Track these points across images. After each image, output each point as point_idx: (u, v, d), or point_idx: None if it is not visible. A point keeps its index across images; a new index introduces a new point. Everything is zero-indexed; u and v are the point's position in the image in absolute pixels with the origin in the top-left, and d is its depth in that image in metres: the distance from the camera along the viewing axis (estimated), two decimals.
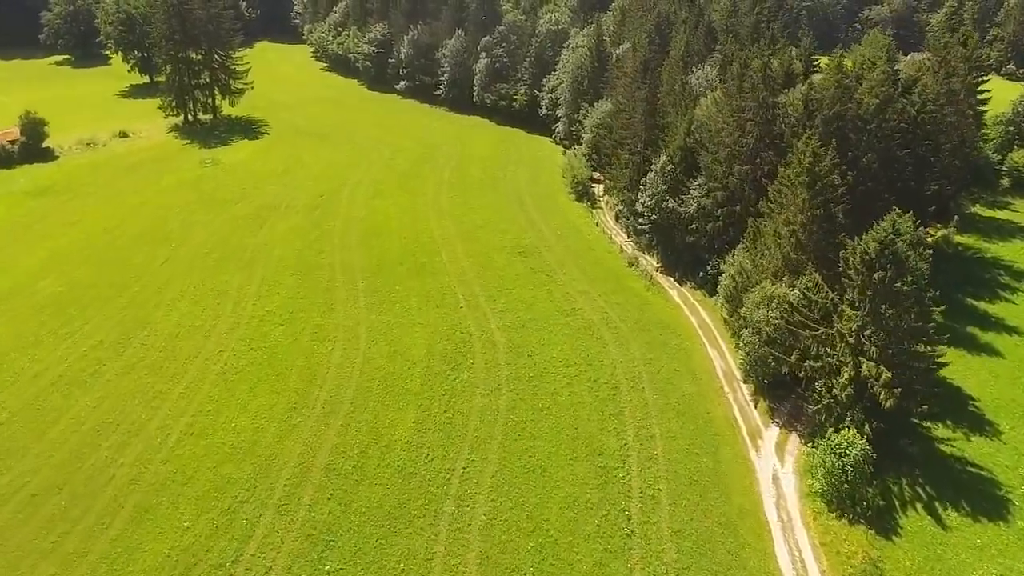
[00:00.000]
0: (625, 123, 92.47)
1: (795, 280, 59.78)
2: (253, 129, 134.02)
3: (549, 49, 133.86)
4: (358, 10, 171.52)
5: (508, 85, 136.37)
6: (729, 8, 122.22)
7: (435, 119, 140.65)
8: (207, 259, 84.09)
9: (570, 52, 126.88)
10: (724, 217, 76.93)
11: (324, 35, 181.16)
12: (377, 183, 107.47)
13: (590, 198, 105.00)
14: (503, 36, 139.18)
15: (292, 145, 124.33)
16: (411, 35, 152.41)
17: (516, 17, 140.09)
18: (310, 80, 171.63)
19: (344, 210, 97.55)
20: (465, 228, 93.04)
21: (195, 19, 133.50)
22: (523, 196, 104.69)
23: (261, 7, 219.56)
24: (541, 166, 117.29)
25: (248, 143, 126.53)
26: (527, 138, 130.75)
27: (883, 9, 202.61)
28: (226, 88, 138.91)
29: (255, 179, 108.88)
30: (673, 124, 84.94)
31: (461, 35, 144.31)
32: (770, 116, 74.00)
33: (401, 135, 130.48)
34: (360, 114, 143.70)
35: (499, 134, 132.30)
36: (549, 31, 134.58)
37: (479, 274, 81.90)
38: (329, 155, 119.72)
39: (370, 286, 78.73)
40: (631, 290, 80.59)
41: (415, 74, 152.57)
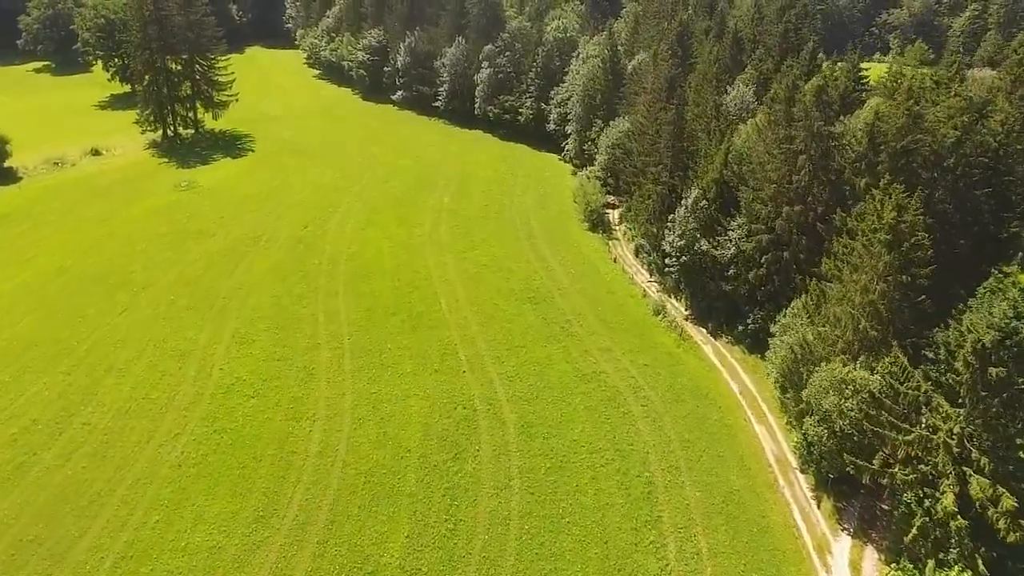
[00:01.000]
0: (648, 148, 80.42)
1: (873, 360, 47.94)
2: (237, 145, 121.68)
3: (557, 59, 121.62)
4: (352, 15, 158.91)
5: (512, 97, 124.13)
6: (753, 16, 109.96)
7: (434, 134, 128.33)
8: (173, 307, 71.99)
9: (580, 63, 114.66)
10: (769, 264, 65.01)
11: (317, 41, 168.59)
12: (369, 210, 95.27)
13: (605, 227, 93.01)
14: (506, 44, 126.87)
15: (278, 164, 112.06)
16: (408, 42, 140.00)
17: (521, 24, 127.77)
18: (301, 89, 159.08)
19: (331, 245, 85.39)
20: (467, 267, 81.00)
21: (174, 26, 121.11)
22: (531, 225, 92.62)
23: (253, 10, 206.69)
24: (550, 188, 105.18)
25: (230, 162, 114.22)
26: (533, 155, 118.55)
27: (902, 13, 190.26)
28: (209, 100, 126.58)
29: (235, 205, 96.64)
30: (706, 152, 72.92)
31: (461, 43, 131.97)
32: (825, 149, 62.03)
33: (397, 152, 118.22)
34: (353, 128, 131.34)
35: (503, 151, 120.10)
36: (556, 39, 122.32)
37: (484, 326, 69.89)
38: (318, 176, 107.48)
39: (358, 343, 66.71)
40: (659, 346, 68.65)
41: (412, 84, 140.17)
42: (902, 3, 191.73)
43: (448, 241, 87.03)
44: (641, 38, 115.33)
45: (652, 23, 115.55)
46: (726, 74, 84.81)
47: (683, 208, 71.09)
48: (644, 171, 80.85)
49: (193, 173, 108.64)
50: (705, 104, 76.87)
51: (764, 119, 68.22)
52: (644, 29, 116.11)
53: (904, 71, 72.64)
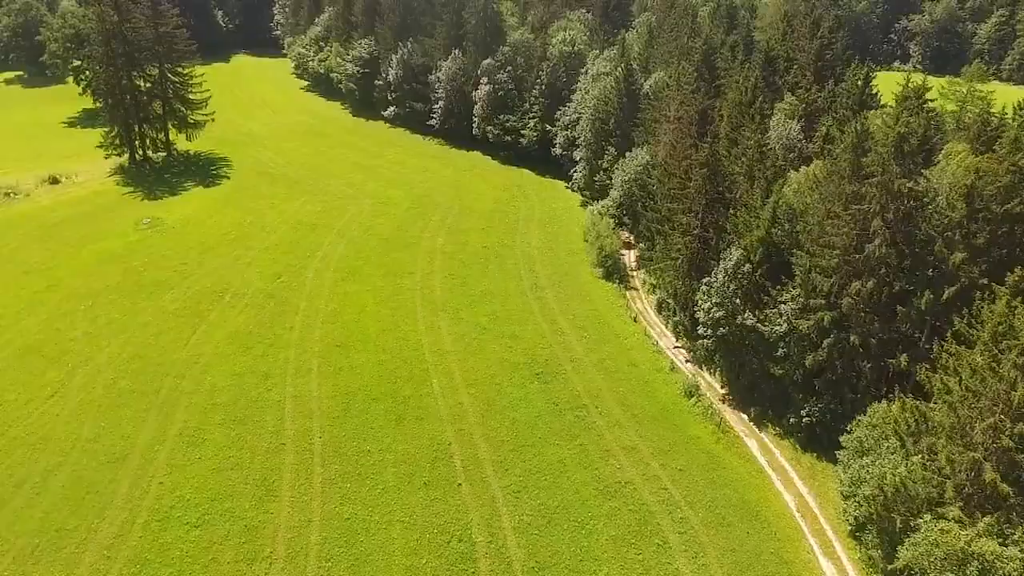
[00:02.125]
0: (675, 192, 67.37)
1: (1007, 523, 35.19)
2: (212, 171, 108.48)
3: (563, 75, 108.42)
4: (341, 23, 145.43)
5: (514, 117, 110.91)
6: (783, 30, 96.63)
7: (428, 157, 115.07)
8: (112, 391, 59.07)
9: (590, 81, 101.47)
10: (831, 348, 52.24)
11: (304, 51, 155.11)
12: (353, 255, 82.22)
13: (620, 273, 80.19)
14: (507, 58, 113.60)
15: (254, 195, 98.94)
16: (400, 54, 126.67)
17: (523, 36, 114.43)
18: (287, 103, 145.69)
19: (307, 301, 72.40)
20: (464, 331, 68.07)
21: (141, 39, 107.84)
22: (537, 272, 79.69)
23: (240, 16, 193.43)
24: (557, 224, 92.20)
25: (202, 192, 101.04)
26: (537, 183, 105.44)
27: (923, 19, 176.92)
28: (182, 121, 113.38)
29: (200, 248, 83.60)
30: (748, 202, 59.94)
31: (458, 56, 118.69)
32: (906, 210, 49.19)
33: (386, 180, 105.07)
34: (340, 150, 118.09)
35: (504, 177, 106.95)
36: (563, 53, 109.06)
37: (483, 416, 57.03)
38: (297, 210, 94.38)
39: (332, 443, 53.86)
40: (694, 442, 55.85)
41: (405, 100, 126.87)
42: (923, 8, 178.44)
43: (442, 296, 74.04)
44: (657, 52, 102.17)
45: (669, 36, 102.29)
46: (764, 103, 71.71)
47: (722, 272, 58.15)
48: (670, 219, 67.85)
49: (159, 207, 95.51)
50: (744, 143, 63.80)
51: (823, 169, 55.22)
52: (660, 43, 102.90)
53: (993, 112, 59.54)
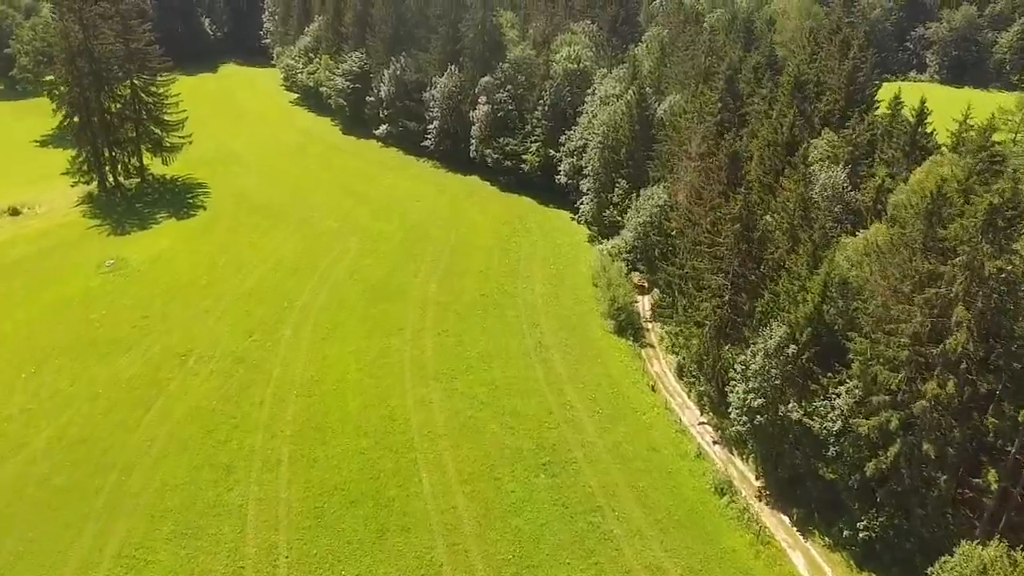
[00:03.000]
0: (703, 249, 57.71)
1: None
2: (187, 199, 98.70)
3: (567, 94, 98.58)
4: (331, 35, 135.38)
5: (515, 141, 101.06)
6: (810, 48, 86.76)
7: (422, 182, 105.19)
8: (43, 489, 49.56)
9: (597, 104, 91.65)
10: (897, 457, 42.77)
11: (293, 62, 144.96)
12: (336, 306, 72.54)
13: (634, 325, 70.70)
14: (507, 76, 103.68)
15: (230, 230, 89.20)
16: (393, 69, 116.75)
17: (524, 52, 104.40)
18: (274, 118, 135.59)
19: (280, 368, 62.71)
20: (459, 406, 58.53)
21: (110, 57, 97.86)
22: (541, 326, 70.12)
23: (229, 23, 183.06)
24: (563, 262, 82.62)
25: (174, 225, 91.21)
26: (540, 213, 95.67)
27: (941, 27, 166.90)
28: (157, 144, 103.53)
29: (167, 296, 73.96)
30: (792, 269, 50.32)
31: (454, 72, 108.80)
32: (998, 297, 39.65)
33: (377, 209, 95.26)
34: (328, 173, 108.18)
35: (504, 207, 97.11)
36: (567, 71, 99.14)
37: (481, 525, 47.55)
38: (277, 247, 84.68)
39: (300, 565, 44.42)
40: (730, 558, 46.39)
41: (398, 118, 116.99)
42: (941, 16, 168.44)
43: (434, 359, 64.39)
44: (670, 72, 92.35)
45: (684, 54, 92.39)
46: (801, 141, 61.96)
47: (761, 353, 48.60)
48: (696, 278, 58.23)
49: (126, 243, 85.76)
50: (783, 195, 54.09)
51: (885, 237, 45.62)
52: (673, 61, 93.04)
53: None
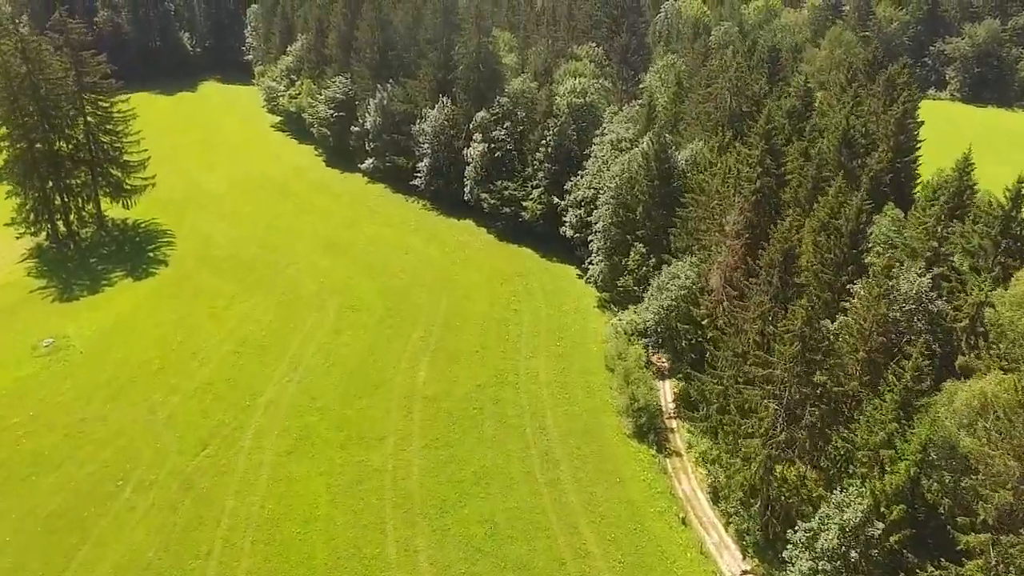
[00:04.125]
0: (753, 367, 46.05)
1: None
2: (147, 252, 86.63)
3: (573, 132, 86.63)
4: (313, 56, 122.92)
5: (514, 185, 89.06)
6: (851, 88, 74.66)
7: (410, 229, 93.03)
8: None
9: (608, 149, 79.71)
10: None
11: (275, 84, 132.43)
12: (306, 404, 60.55)
13: (656, 423, 59.18)
14: (505, 112, 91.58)
15: (193, 292, 77.22)
16: (379, 98, 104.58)
17: (524, 84, 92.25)
18: (253, 146, 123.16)
19: (233, 500, 50.84)
20: (451, 559, 46.78)
21: (60, 94, 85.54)
22: (548, 430, 58.46)
23: (210, 37, 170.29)
24: (570, 336, 70.86)
25: (129, 287, 79.15)
26: (543, 269, 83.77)
27: (962, 43, 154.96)
28: (115, 188, 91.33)
29: (109, 389, 62.06)
30: (874, 416, 38.68)
31: (446, 105, 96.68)
32: None
33: (359, 266, 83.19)
34: (307, 217, 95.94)
35: (502, 260, 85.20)
36: (572, 106, 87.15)
37: None
38: (244, 318, 72.76)
39: None
40: None
41: (385, 151, 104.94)
42: (963, 31, 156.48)
43: (421, 484, 52.58)
44: (689, 110, 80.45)
45: (704, 91, 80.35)
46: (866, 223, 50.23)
47: (835, 528, 37.07)
48: (741, 405, 46.60)
49: (71, 313, 73.81)
50: (857, 314, 42.36)
51: (1005, 392, 34.01)
52: (693, 99, 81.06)
53: None
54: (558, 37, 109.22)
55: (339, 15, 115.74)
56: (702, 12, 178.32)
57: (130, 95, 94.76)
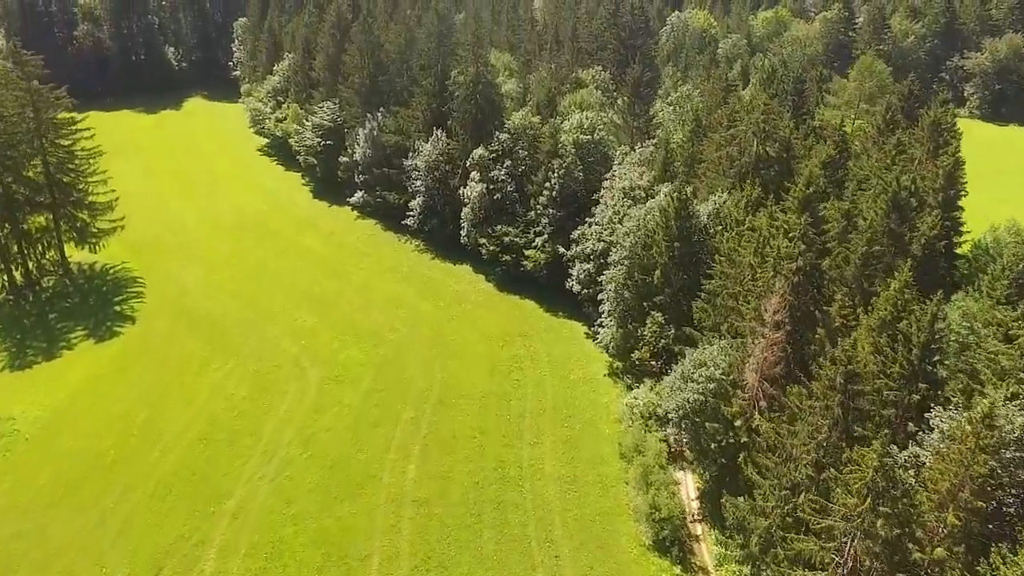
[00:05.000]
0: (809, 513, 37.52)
1: None
2: (113, 305, 77.97)
3: (580, 172, 77.94)
4: (301, 78, 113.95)
5: (514, 230, 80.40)
6: (895, 146, 65.63)
7: (402, 277, 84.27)
8: None
9: (619, 197, 70.98)
10: None
11: (261, 105, 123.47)
12: (279, 511, 51.78)
13: (677, 531, 50.77)
14: (505, 148, 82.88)
15: (159, 361, 68.41)
16: (369, 128, 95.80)
17: (525, 119, 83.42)
18: (237, 173, 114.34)
19: None
20: None
21: (16, 132, 76.66)
22: (556, 541, 49.94)
23: (197, 51, 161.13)
24: (580, 417, 62.16)
25: (89, 351, 70.47)
26: (548, 325, 75.10)
27: (981, 58, 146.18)
28: (80, 233, 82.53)
29: (56, 491, 53.37)
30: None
31: (441, 138, 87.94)
32: None
33: (346, 324, 74.40)
34: (290, 261, 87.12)
35: (502, 316, 76.49)
36: (579, 143, 78.43)
37: None
38: (215, 390, 64.10)
39: None
40: None
41: (375, 185, 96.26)
42: (983, 45, 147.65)
43: None
44: (710, 152, 71.67)
45: (726, 135, 71.46)
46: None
47: None
48: (790, 551, 38.15)
49: (21, 386, 65.12)
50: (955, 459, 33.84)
51: None
52: (714, 139, 72.25)
53: None
54: (562, 62, 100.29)
55: (327, 35, 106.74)
56: (709, 23, 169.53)
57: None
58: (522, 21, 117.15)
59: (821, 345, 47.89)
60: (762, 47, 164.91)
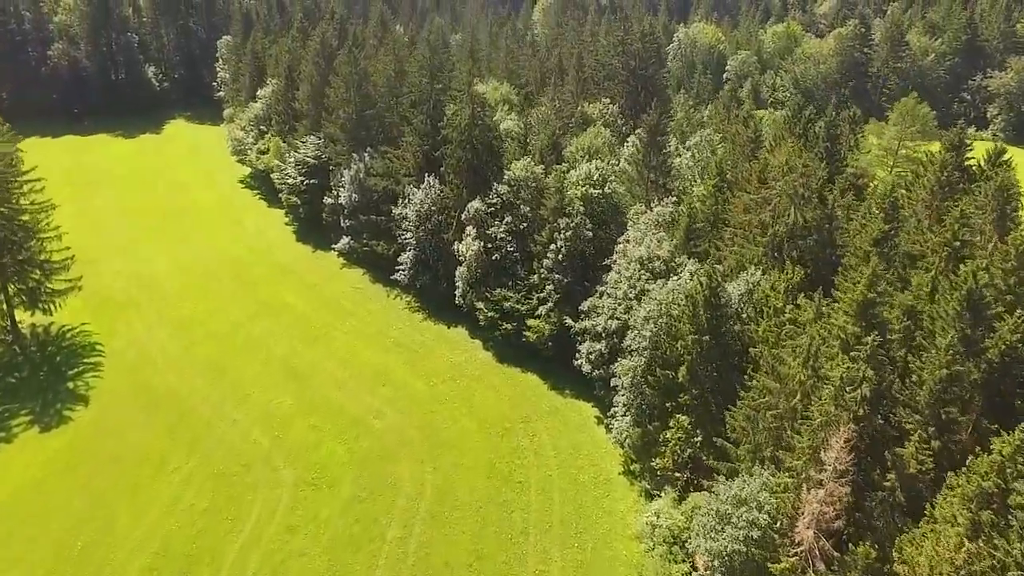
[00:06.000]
0: None
1: None
2: (64, 383, 68.15)
3: (589, 230, 68.29)
4: (283, 107, 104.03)
5: (515, 295, 70.76)
6: (958, 218, 56.16)
7: (390, 342, 74.53)
8: None
9: (635, 268, 61.34)
10: None
11: (243, 133, 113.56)
12: None
13: None
14: (505, 202, 73.21)
15: (110, 459, 58.52)
16: (355, 170, 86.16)
17: (528, 169, 73.49)
18: (216, 211, 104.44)
19: None
20: None
21: None
22: None
23: (180, 68, 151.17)
24: (591, 536, 52.60)
25: (33, 442, 60.66)
26: (553, 408, 65.60)
27: (1006, 77, 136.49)
28: (31, 296, 72.80)
29: None
30: None
31: (434, 185, 78.37)
32: None
33: (324, 412, 64.37)
34: (268, 321, 77.37)
35: (503, 396, 66.92)
36: (588, 198, 68.81)
37: None
38: (169, 505, 54.38)
39: None
40: None
41: (362, 232, 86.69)
42: (1007, 64, 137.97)
43: None
44: (735, 215, 62.06)
45: (755, 196, 61.70)
46: None
47: None
48: None
49: None
50: None
51: None
52: (739, 203, 62.60)
53: None
54: (565, 94, 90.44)
55: (310, 63, 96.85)
56: (717, 39, 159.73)
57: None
58: (522, 44, 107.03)
59: (891, 491, 38.66)
60: (773, 63, 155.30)
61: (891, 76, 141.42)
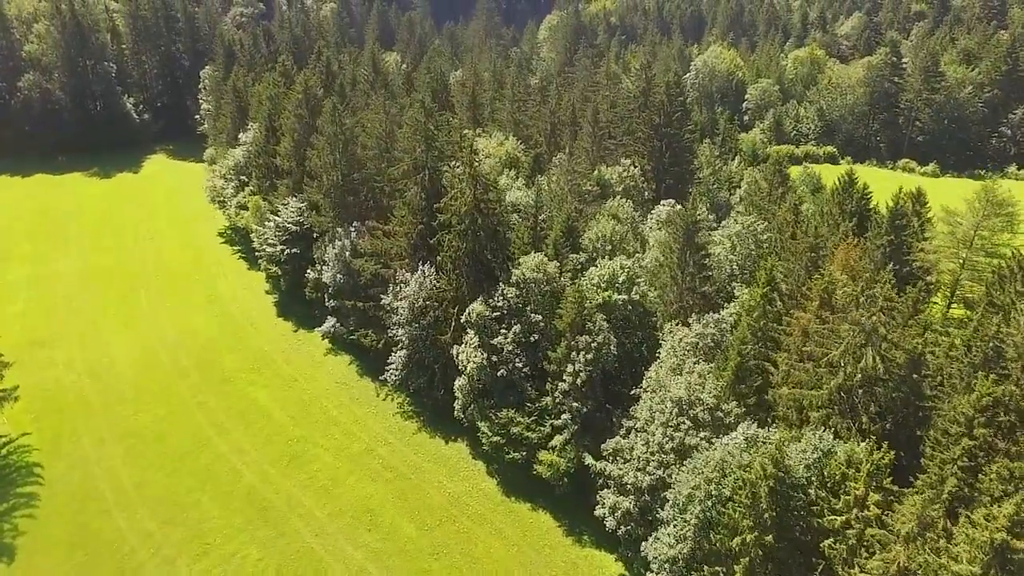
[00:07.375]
0: None
1: None
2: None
3: (614, 348, 55.73)
4: (264, 161, 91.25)
5: (524, 420, 58.29)
6: None
7: (378, 463, 62.12)
8: None
9: (671, 409, 48.89)
10: None
11: (223, 183, 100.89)
12: None
13: None
14: (514, 306, 60.55)
15: None
16: (340, 246, 73.74)
17: (540, 268, 60.17)
18: (190, 275, 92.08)
19: None
20: None
21: None
22: None
23: (162, 97, 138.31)
24: None
25: None
26: (568, 563, 53.27)
27: None
28: None
29: None
30: None
31: (429, 275, 65.87)
32: None
33: (298, 565, 52.88)
34: (236, 437, 64.78)
35: (509, 546, 54.55)
36: (611, 305, 56.33)
37: None
38: None
39: None
40: None
41: (349, 318, 74.32)
42: None
43: None
44: (793, 338, 49.66)
45: (815, 308, 49.32)
46: None
47: None
48: None
49: None
50: None
51: None
52: (797, 323, 50.15)
53: None
54: (580, 157, 77.74)
55: (292, 116, 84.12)
56: (735, 64, 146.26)
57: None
58: (530, 92, 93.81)
59: None
60: (795, 91, 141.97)
61: (923, 108, 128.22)
